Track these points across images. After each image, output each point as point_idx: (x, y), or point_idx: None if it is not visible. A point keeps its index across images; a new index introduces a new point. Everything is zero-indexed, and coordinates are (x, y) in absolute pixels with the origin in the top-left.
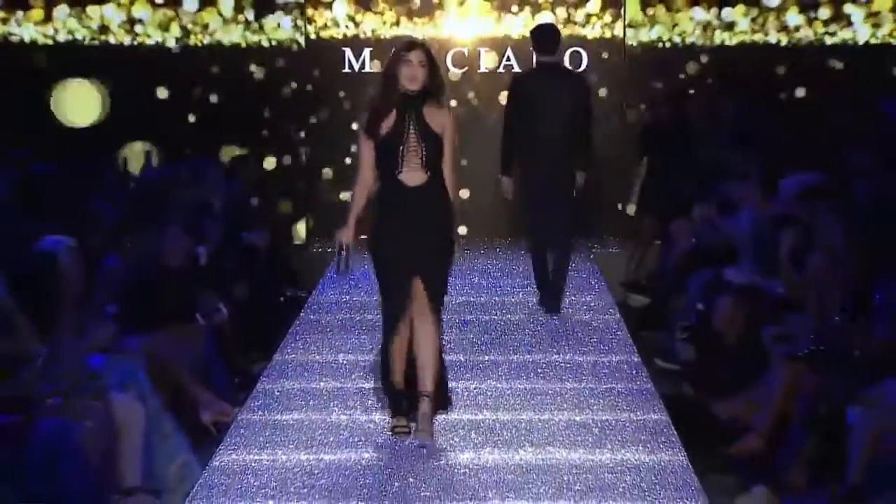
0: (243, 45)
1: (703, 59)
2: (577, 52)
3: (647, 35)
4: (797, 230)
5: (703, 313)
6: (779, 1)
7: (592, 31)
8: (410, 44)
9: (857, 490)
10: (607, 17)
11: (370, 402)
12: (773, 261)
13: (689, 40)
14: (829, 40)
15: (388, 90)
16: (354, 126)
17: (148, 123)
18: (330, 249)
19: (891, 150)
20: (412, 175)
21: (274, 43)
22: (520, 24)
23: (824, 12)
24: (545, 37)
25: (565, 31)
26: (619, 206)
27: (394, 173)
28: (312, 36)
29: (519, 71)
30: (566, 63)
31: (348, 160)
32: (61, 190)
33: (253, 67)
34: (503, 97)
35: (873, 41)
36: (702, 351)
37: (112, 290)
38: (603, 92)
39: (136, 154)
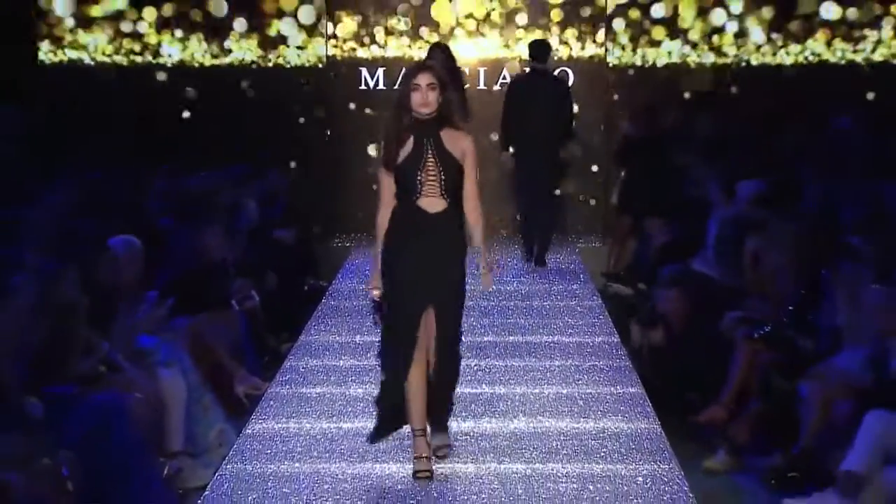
0: (274, 65)
1: (676, 78)
2: (565, 70)
3: (627, 58)
4: (755, 229)
5: (660, 298)
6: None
7: (580, 53)
8: (417, 67)
9: (807, 452)
10: (593, 41)
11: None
12: (735, 255)
13: (662, 63)
14: (786, 61)
15: (401, 118)
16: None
17: (191, 132)
18: (348, 244)
19: (838, 161)
20: (431, 202)
21: (300, 63)
22: (516, 47)
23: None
24: (537, 48)
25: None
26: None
27: (412, 199)
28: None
29: (516, 74)
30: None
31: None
32: (120, 194)
33: (281, 84)
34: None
35: (824, 61)
36: (667, 332)
37: (164, 279)
38: (586, 105)
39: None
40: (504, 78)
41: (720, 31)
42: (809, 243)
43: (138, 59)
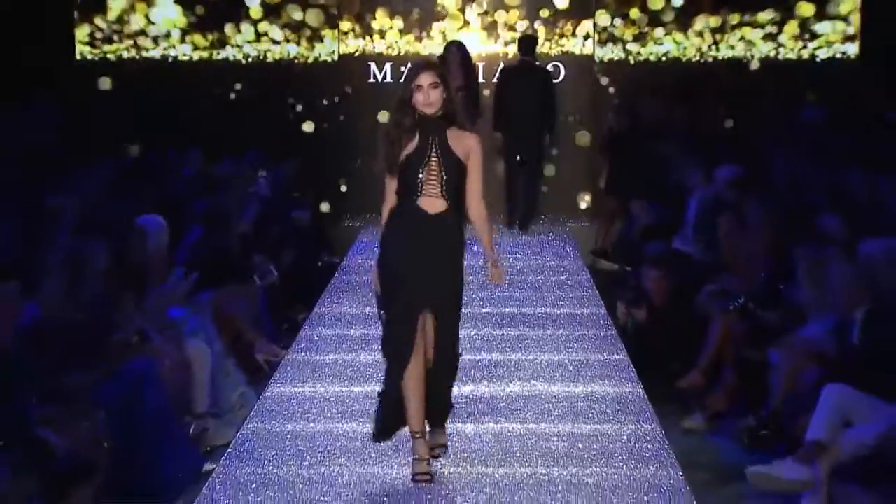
0: (291, 59)
1: (658, 73)
2: (557, 65)
3: (612, 53)
4: (731, 210)
5: (643, 276)
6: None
7: (570, 49)
8: (419, 67)
9: (776, 413)
10: (581, 38)
11: None
12: (712, 234)
13: (645, 58)
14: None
15: (405, 118)
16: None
17: (216, 123)
18: (358, 224)
19: (805, 148)
20: (431, 202)
21: (316, 59)
22: (510, 43)
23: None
24: (525, 42)
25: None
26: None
27: (413, 199)
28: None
29: (506, 64)
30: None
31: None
32: (152, 178)
33: (298, 77)
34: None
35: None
36: (650, 307)
37: (190, 256)
38: (576, 97)
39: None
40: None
41: (701, 28)
42: (780, 224)
43: (156, 55)
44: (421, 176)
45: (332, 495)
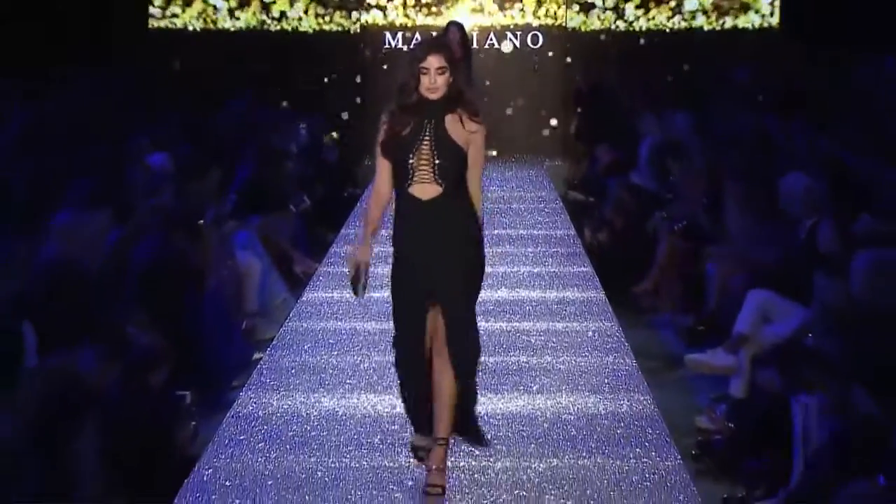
0: (316, 30)
1: (618, 40)
2: (536, 34)
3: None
4: (677, 150)
5: (605, 205)
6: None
7: (547, 21)
8: (427, 47)
9: (712, 314)
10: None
11: None
12: (662, 170)
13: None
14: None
15: (405, 99)
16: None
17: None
18: (367, 163)
19: (736, 101)
20: (424, 188)
21: (338, 29)
22: (498, 17)
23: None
24: None
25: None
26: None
27: (406, 187)
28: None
29: None
30: (529, 42)
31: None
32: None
33: (321, 46)
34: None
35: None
36: (610, 229)
37: (241, 188)
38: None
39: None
40: (491, 40)
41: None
42: (715, 162)
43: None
44: (412, 161)
45: (357, 378)
